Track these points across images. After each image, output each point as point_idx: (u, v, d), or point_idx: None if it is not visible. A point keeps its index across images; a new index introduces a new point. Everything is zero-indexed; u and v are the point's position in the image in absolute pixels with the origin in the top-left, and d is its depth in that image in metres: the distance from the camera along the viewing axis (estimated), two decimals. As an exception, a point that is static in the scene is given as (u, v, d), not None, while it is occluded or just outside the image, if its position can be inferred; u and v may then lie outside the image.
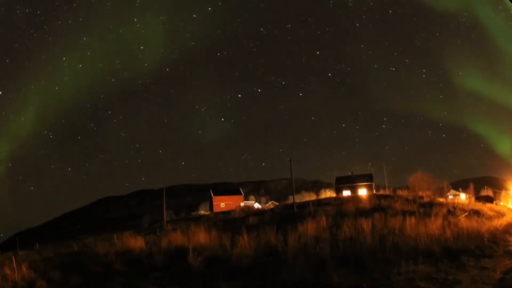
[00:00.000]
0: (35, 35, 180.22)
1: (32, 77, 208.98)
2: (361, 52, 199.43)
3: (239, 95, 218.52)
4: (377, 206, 31.10)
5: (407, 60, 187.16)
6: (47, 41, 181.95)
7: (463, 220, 19.78)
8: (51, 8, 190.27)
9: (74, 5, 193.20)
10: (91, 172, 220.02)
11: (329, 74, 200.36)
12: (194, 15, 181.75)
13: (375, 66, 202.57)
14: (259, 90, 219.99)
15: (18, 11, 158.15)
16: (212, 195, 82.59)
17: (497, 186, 66.50)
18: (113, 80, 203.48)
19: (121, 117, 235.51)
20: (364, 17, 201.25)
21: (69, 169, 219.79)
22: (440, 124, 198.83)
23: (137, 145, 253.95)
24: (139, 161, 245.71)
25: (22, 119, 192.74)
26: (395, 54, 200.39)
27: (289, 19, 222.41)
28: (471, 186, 61.35)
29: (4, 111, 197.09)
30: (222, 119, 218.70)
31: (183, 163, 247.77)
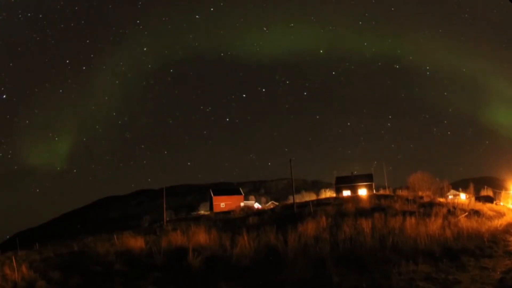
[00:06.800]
0: (37, 38, 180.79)
1: (36, 81, 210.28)
2: (364, 50, 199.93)
3: (244, 95, 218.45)
4: (377, 206, 31.04)
5: (411, 57, 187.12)
6: (50, 44, 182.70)
7: (463, 220, 19.76)
8: (53, 12, 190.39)
9: (76, 8, 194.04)
10: (96, 173, 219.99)
11: (333, 73, 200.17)
12: (197, 16, 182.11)
13: (379, 63, 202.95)
14: (264, 90, 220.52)
15: (20, 15, 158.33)
16: (212, 195, 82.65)
17: (497, 186, 66.36)
18: (117, 81, 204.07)
19: (126, 119, 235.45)
20: (366, 14, 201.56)
21: (75, 170, 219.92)
22: (445, 122, 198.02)
23: (142, 146, 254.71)
24: (144, 162, 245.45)
25: (27, 122, 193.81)
26: (399, 51, 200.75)
27: (291, 18, 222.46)
28: (471, 186, 61.21)
29: (9, 115, 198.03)
30: (227, 119, 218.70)
31: (188, 163, 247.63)
